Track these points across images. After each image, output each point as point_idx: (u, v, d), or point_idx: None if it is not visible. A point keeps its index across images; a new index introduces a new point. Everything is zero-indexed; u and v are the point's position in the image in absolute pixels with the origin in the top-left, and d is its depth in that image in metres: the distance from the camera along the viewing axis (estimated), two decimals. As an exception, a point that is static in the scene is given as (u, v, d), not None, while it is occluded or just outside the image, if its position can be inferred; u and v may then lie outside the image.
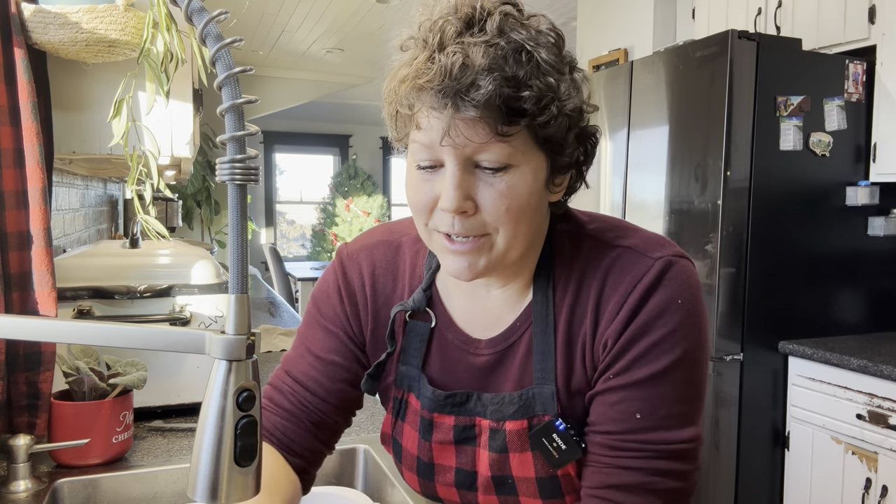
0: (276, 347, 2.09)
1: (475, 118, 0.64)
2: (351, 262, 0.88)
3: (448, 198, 0.67)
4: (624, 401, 0.72)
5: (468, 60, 0.64)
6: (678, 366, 0.72)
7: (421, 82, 0.65)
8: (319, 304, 0.88)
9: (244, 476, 0.51)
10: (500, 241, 0.70)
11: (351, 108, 7.84)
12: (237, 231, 0.51)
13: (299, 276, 5.72)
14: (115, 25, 1.17)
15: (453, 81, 0.64)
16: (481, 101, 0.63)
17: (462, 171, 0.67)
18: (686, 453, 0.73)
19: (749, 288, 2.32)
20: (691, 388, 0.73)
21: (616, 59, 3.42)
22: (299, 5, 4.34)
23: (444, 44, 0.66)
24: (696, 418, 0.74)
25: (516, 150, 0.67)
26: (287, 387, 0.87)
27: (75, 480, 1.09)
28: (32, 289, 1.14)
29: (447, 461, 0.81)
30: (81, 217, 2.32)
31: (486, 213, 0.68)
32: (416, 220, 0.74)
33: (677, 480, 0.72)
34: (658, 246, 0.75)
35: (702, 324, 0.74)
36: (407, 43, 0.71)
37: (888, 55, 2.38)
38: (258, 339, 0.53)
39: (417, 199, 0.72)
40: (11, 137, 1.11)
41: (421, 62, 0.66)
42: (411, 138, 0.70)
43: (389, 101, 0.72)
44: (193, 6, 0.49)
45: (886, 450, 2.04)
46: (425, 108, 0.66)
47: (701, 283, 0.77)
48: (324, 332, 0.87)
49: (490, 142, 0.66)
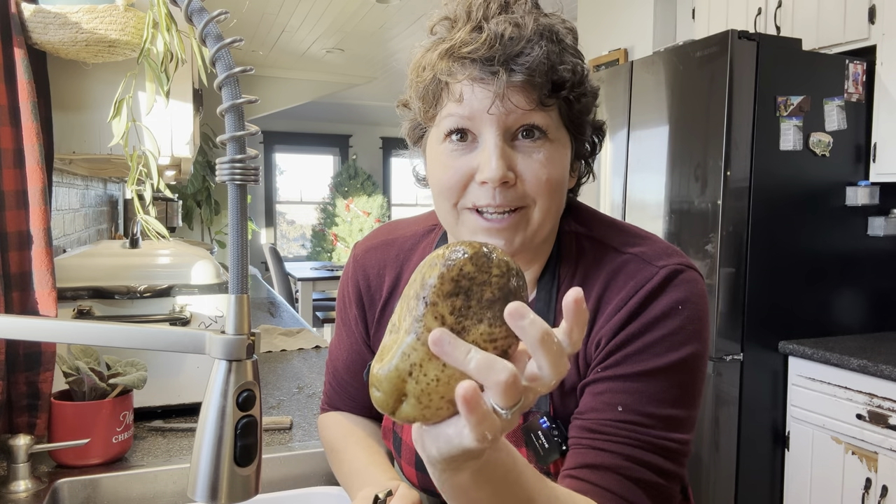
0: (276, 347, 2.09)
1: (522, 85, 0.67)
2: (357, 265, 0.91)
3: (492, 167, 0.68)
4: (608, 392, 0.71)
5: (516, 31, 0.67)
6: (671, 369, 0.70)
7: (466, 51, 0.67)
8: (339, 307, 0.96)
9: (244, 476, 0.51)
10: (537, 214, 0.71)
11: (351, 108, 7.84)
12: (237, 231, 0.51)
13: (299, 276, 5.72)
14: (115, 25, 1.17)
15: (503, 48, 0.67)
16: (533, 66, 0.66)
17: (503, 142, 0.69)
18: (668, 450, 0.70)
19: (749, 288, 2.32)
20: (683, 393, 0.71)
21: (616, 59, 3.42)
22: (299, 5, 4.34)
23: (488, 16, 0.69)
24: (686, 425, 0.71)
25: (553, 123, 0.70)
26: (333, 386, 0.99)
27: (75, 480, 1.09)
28: (32, 289, 1.14)
29: None
30: (81, 217, 2.32)
31: (527, 182, 0.70)
32: (443, 203, 0.73)
33: (655, 474, 0.69)
34: (665, 255, 0.75)
35: (703, 332, 0.73)
36: (438, 26, 0.73)
37: (888, 55, 2.38)
38: (258, 339, 0.53)
39: (447, 177, 0.72)
40: (11, 137, 1.11)
41: (466, 34, 0.68)
42: (446, 112, 0.71)
43: (420, 80, 0.72)
44: (193, 6, 0.49)
45: (886, 450, 2.04)
46: (468, 79, 0.68)
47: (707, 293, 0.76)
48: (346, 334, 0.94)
49: (534, 110, 0.68)
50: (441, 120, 0.71)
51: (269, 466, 1.17)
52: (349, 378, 0.95)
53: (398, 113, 0.81)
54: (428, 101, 0.72)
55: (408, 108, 0.79)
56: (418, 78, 0.73)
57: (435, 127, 0.73)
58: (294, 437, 1.27)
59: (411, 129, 0.79)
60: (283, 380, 1.70)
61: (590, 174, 0.81)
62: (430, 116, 0.73)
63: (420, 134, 0.79)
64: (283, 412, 1.42)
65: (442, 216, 0.75)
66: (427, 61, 0.71)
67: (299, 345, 2.13)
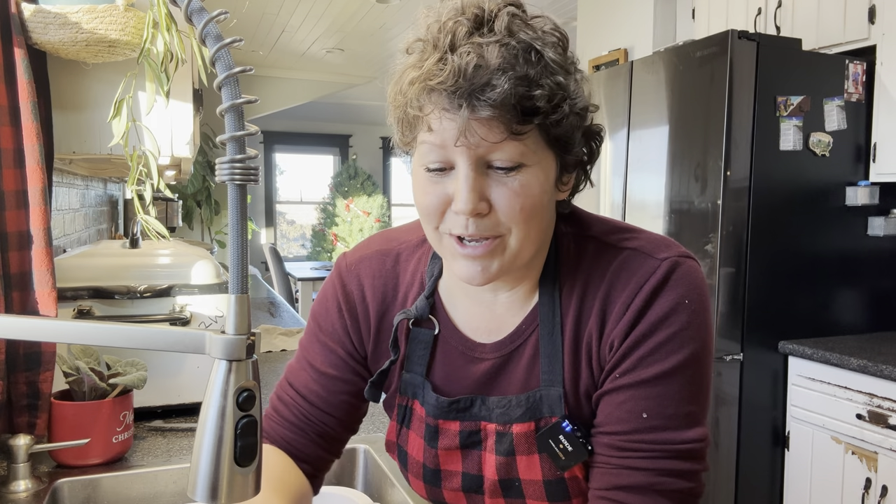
0: (276, 347, 2.09)
1: (490, 118, 0.64)
2: (349, 274, 0.86)
3: (463, 199, 0.67)
4: (630, 400, 0.72)
5: (482, 60, 0.64)
6: (685, 365, 0.72)
7: (433, 83, 0.65)
8: (319, 319, 0.87)
9: (244, 476, 0.51)
10: (513, 241, 0.70)
11: (351, 108, 7.84)
12: (237, 231, 0.51)
13: (299, 276, 5.72)
14: (115, 25, 1.17)
15: (467, 82, 0.63)
16: (497, 101, 0.63)
17: (475, 172, 0.67)
18: (694, 453, 0.72)
19: (749, 288, 2.32)
20: (698, 387, 0.73)
21: (616, 59, 3.42)
22: (299, 5, 4.33)
23: (455, 44, 0.65)
24: (702, 418, 0.74)
25: (528, 149, 0.67)
26: (290, 399, 0.87)
27: (75, 480, 1.09)
28: (32, 289, 1.14)
29: (453, 466, 0.81)
30: (81, 217, 2.32)
31: (501, 212, 0.68)
32: (425, 225, 0.73)
33: (686, 480, 0.72)
34: (664, 247, 0.75)
35: (708, 323, 0.74)
36: (413, 45, 0.70)
37: (888, 55, 2.38)
38: (258, 339, 0.53)
39: (427, 203, 0.71)
40: (11, 137, 1.11)
41: (432, 63, 0.65)
42: (420, 140, 0.70)
43: (396, 105, 0.71)
44: (193, 6, 0.49)
45: (886, 450, 2.04)
46: (437, 109, 0.66)
47: (706, 280, 0.77)
48: (323, 348, 0.86)
49: (504, 141, 0.65)
50: (418, 146, 0.71)
51: (269, 466, 1.17)
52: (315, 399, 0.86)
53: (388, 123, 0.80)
54: (404, 128, 0.72)
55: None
56: (394, 102, 0.71)
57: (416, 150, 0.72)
58: (294, 437, 1.27)
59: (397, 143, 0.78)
60: (283, 380, 1.69)
61: (586, 182, 0.78)
62: (407, 143, 0.73)
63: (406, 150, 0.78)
64: (283, 412, 1.42)
65: (427, 235, 0.75)
66: (401, 87, 0.70)
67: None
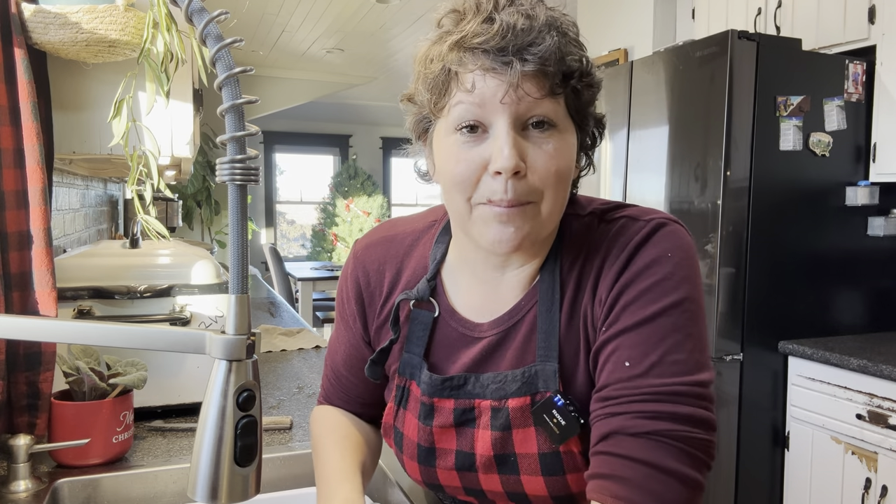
0: (276, 347, 2.09)
1: (535, 73, 0.68)
2: (357, 262, 0.91)
3: (505, 156, 0.69)
4: (614, 351, 0.72)
5: (529, 20, 0.69)
6: (667, 312, 0.71)
7: (477, 41, 0.68)
8: (337, 303, 0.96)
9: (244, 476, 0.51)
10: (545, 207, 0.72)
11: (351, 108, 7.84)
12: (237, 231, 0.51)
13: (299, 276, 5.72)
14: (115, 25, 1.17)
15: (516, 38, 0.68)
16: (546, 56, 0.68)
17: (515, 131, 0.70)
18: (679, 394, 0.68)
19: (749, 288, 2.32)
20: (684, 336, 0.71)
21: (616, 59, 3.42)
22: (299, 5, 4.34)
23: (498, 8, 0.70)
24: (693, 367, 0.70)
25: (561, 112, 0.72)
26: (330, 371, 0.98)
27: (75, 480, 1.09)
28: (32, 289, 1.14)
29: (447, 444, 0.82)
30: (81, 217, 2.32)
31: (537, 174, 0.70)
32: (456, 196, 0.73)
33: (672, 422, 0.67)
34: (652, 212, 0.78)
35: (693, 277, 0.74)
36: (445, 18, 0.74)
37: (888, 55, 2.38)
38: (258, 339, 0.53)
39: (460, 171, 0.72)
40: (11, 137, 1.11)
41: (476, 24, 0.69)
42: (456, 101, 0.71)
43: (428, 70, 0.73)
44: (193, 6, 0.49)
45: (886, 450, 2.04)
46: (479, 69, 0.69)
47: (695, 245, 0.78)
48: (342, 328, 0.94)
49: (545, 98, 0.69)
50: (451, 109, 0.72)
51: (269, 466, 1.17)
52: (346, 373, 0.95)
53: (401, 107, 0.81)
54: (437, 92, 0.73)
55: (412, 103, 0.79)
56: (426, 69, 0.73)
57: (443, 118, 0.73)
58: (294, 437, 1.28)
59: (416, 122, 0.79)
60: (283, 380, 1.70)
61: (590, 166, 0.83)
62: (440, 107, 0.73)
63: (425, 127, 0.79)
64: (283, 412, 1.42)
65: (454, 210, 0.75)
66: (435, 53, 0.72)
67: (299, 345, 2.13)
